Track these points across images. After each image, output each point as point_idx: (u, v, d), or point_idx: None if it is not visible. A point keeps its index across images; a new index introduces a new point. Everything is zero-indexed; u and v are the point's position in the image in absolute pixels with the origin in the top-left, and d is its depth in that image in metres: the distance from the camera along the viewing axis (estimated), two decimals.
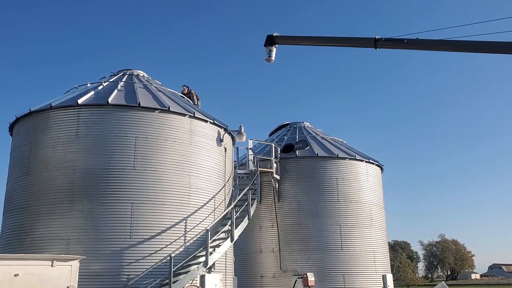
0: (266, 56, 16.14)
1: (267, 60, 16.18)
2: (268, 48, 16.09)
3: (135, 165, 14.44)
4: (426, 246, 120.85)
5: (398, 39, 13.52)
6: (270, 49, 16.08)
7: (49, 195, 14.18)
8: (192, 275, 13.94)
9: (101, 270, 13.32)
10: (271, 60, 16.15)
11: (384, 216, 22.09)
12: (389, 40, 13.65)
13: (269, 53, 16.10)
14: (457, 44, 12.74)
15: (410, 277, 66.98)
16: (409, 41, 13.33)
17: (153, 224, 14.17)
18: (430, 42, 13.27)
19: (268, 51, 16.11)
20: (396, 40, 13.56)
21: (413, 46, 13.52)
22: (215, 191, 16.01)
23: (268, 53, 16.11)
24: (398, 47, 13.80)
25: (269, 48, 16.07)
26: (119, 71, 18.33)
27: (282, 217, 20.22)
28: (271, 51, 16.09)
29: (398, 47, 13.76)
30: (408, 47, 13.58)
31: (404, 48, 13.71)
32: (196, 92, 19.53)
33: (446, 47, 13.09)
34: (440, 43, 13.04)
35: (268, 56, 16.11)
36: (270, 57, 16.10)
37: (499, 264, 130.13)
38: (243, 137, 18.03)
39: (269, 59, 16.12)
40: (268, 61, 16.18)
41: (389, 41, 13.65)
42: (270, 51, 16.09)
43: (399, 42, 13.51)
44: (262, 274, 20.17)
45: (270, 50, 16.08)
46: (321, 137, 22.98)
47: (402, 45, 13.52)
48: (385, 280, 20.29)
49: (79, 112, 14.81)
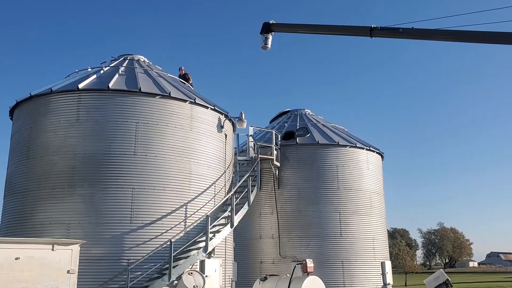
0: (262, 44, 16.16)
1: (263, 48, 16.21)
2: (264, 35, 16.10)
3: (135, 151, 14.44)
4: (425, 234, 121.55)
5: (393, 28, 13.50)
6: (266, 37, 16.09)
7: (50, 179, 14.20)
8: (192, 260, 14.02)
9: (102, 254, 13.40)
10: (267, 47, 16.18)
11: (383, 203, 22.14)
12: (384, 29, 13.64)
13: (265, 40, 16.12)
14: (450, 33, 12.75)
15: (409, 265, 67.23)
16: (404, 30, 13.30)
17: (153, 209, 14.21)
18: (424, 32, 13.24)
19: (264, 39, 16.13)
20: (391, 29, 13.54)
21: (408, 35, 13.50)
22: (216, 177, 16.03)
23: (264, 40, 16.13)
24: (394, 36, 13.76)
25: (265, 35, 16.09)
26: (120, 56, 18.25)
27: (282, 204, 20.27)
28: (267, 39, 16.12)
29: (394, 36, 13.72)
30: (404, 36, 13.56)
31: (399, 37, 13.69)
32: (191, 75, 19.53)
33: (440, 37, 13.10)
34: (434, 33, 13.03)
35: (264, 44, 16.13)
36: (266, 45, 16.13)
37: (497, 252, 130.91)
38: (244, 124, 18.00)
39: (265, 46, 16.15)
40: (264, 48, 16.21)
41: (385, 30, 13.64)
42: (266, 38, 16.11)
43: (395, 31, 13.49)
44: (261, 260, 20.29)
45: (266, 37, 16.10)
46: (322, 124, 22.93)
47: (398, 34, 13.50)
48: (384, 267, 20.40)
49: (80, 97, 14.76)
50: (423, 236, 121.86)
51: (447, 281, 19.76)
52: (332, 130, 22.47)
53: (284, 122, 23.39)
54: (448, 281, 19.81)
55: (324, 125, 22.84)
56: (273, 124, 24.06)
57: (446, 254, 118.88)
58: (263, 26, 16.08)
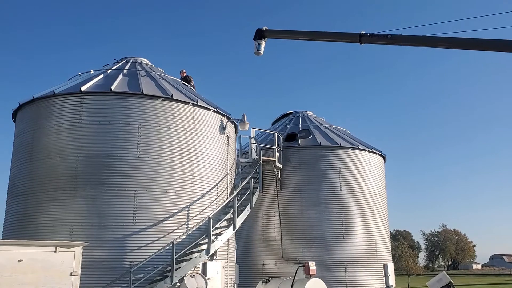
0: (255, 50, 16.27)
1: (256, 54, 16.33)
2: (257, 41, 16.22)
3: (138, 153, 14.46)
4: (427, 236, 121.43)
5: (382, 35, 13.55)
6: (259, 43, 16.21)
7: (52, 182, 14.23)
8: (194, 262, 14.02)
9: (104, 256, 13.41)
10: (259, 53, 16.28)
11: (386, 205, 22.10)
12: (373, 35, 13.70)
13: (258, 46, 16.23)
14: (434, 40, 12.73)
15: (411, 267, 67.16)
16: (392, 36, 13.34)
17: (155, 212, 14.22)
18: (412, 38, 13.25)
19: (257, 45, 16.24)
20: (380, 36, 13.59)
21: (397, 42, 13.54)
22: (218, 179, 16.03)
23: (257, 46, 16.24)
24: (383, 43, 13.81)
25: (258, 41, 16.20)
26: (122, 59, 18.29)
27: (284, 206, 20.25)
28: (260, 45, 16.23)
29: (383, 42, 13.78)
30: (392, 43, 13.60)
31: (388, 44, 13.75)
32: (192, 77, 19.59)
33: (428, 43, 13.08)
34: (422, 40, 13.04)
35: (257, 50, 16.24)
36: (259, 51, 16.24)
37: (500, 254, 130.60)
38: (246, 126, 18.02)
39: (258, 52, 16.26)
40: (257, 54, 16.32)
41: (374, 36, 13.70)
42: (259, 44, 16.22)
43: (383, 38, 13.54)
44: (264, 262, 20.27)
45: (259, 43, 16.22)
46: (324, 126, 22.92)
47: (386, 40, 13.54)
48: (386, 269, 20.37)
49: (82, 99, 14.80)
50: (426, 238, 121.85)
51: (450, 283, 19.67)
52: (334, 132, 22.46)
53: (286, 124, 23.40)
54: (451, 284, 19.73)
55: (326, 127, 22.83)
56: (275, 126, 24.06)
57: (449, 256, 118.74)
58: (256, 32, 16.23)
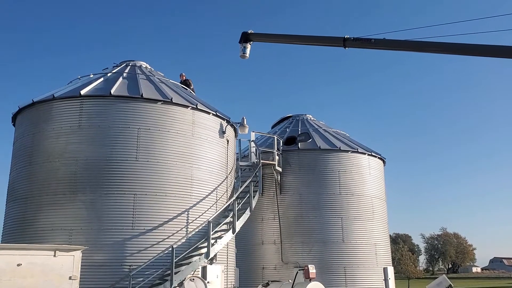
0: (241, 53, 16.21)
1: (241, 57, 16.28)
2: (242, 44, 16.16)
3: (137, 157, 14.46)
4: (427, 239, 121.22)
5: (365, 39, 13.48)
6: (245, 46, 16.14)
7: (52, 185, 14.23)
8: (194, 266, 14.00)
9: (104, 260, 13.39)
10: (245, 56, 16.24)
11: (385, 209, 22.11)
12: (357, 39, 13.62)
13: (243, 49, 16.18)
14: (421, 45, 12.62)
15: (411, 270, 67.01)
16: (376, 41, 13.27)
17: (155, 215, 14.21)
18: (396, 43, 13.14)
19: (242, 48, 16.18)
20: (363, 40, 13.53)
21: (380, 46, 13.47)
22: (217, 183, 16.03)
23: (242, 50, 16.18)
24: (366, 47, 13.73)
25: (244, 44, 16.14)
26: (122, 62, 18.32)
27: (284, 209, 20.25)
28: (246, 48, 16.17)
29: (366, 46, 13.69)
30: (376, 47, 13.52)
31: (372, 48, 13.66)
32: (192, 81, 19.62)
33: (412, 48, 12.98)
34: (405, 44, 12.90)
35: (242, 53, 16.19)
36: (244, 54, 16.19)
37: (500, 257, 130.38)
38: (246, 129, 18.03)
39: (243, 55, 16.22)
40: (242, 57, 16.27)
41: (357, 40, 13.62)
42: (245, 47, 16.16)
43: (367, 42, 13.46)
44: (263, 266, 20.24)
45: (244, 46, 16.15)
46: (323, 129, 22.95)
47: (370, 44, 13.46)
48: (386, 273, 20.34)
49: (82, 103, 14.81)
50: (426, 241, 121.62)
51: (449, 286, 19.67)
52: (334, 135, 22.48)
53: (286, 127, 23.42)
54: (451, 287, 19.73)
55: (325, 130, 22.86)
56: (275, 129, 24.08)
57: (449, 259, 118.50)
58: (241, 36, 16.19)
